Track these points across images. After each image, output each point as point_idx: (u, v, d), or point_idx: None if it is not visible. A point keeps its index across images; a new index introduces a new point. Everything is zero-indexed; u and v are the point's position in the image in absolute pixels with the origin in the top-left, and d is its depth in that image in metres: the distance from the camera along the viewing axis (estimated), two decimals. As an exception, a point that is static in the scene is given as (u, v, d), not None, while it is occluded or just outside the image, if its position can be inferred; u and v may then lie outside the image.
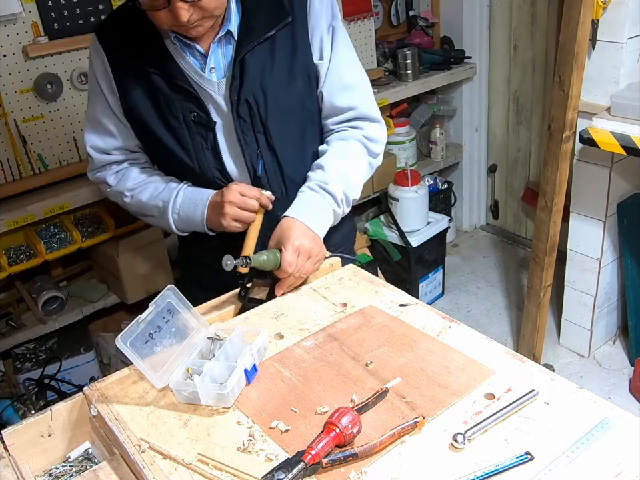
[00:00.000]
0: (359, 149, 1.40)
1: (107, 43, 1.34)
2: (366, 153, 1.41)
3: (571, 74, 2.15)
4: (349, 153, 1.38)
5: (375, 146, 1.42)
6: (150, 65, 1.31)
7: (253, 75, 1.29)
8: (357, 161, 1.40)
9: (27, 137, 2.24)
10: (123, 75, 1.34)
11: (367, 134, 1.40)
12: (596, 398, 0.91)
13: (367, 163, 1.42)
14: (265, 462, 0.86)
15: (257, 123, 1.33)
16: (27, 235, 2.36)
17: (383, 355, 1.04)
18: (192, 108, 1.32)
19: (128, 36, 1.32)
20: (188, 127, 1.33)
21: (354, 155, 1.39)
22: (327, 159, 1.37)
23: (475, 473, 0.81)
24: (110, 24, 1.39)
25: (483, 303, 3.20)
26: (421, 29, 3.36)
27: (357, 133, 1.39)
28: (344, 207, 1.37)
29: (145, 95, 1.33)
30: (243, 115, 1.32)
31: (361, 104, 1.40)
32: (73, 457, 1.03)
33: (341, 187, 1.34)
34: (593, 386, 2.55)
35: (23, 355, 2.47)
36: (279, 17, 1.29)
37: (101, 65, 1.35)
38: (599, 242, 2.49)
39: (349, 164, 1.38)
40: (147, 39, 1.31)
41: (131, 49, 1.32)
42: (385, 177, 3.13)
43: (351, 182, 1.37)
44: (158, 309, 1.01)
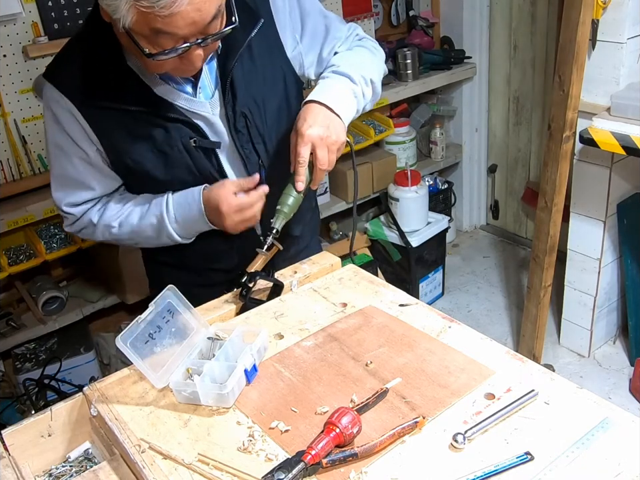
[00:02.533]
0: (356, 49, 1.39)
1: (69, 88, 1.20)
2: (364, 45, 1.40)
3: (571, 74, 2.15)
4: (345, 53, 1.37)
5: (367, 42, 1.42)
6: (130, 104, 1.20)
7: (243, 85, 1.26)
8: (361, 50, 1.39)
9: (27, 136, 2.25)
10: (100, 121, 1.21)
11: (352, 38, 1.40)
12: (596, 398, 0.91)
13: (370, 48, 1.41)
14: (264, 462, 0.86)
15: (255, 134, 1.30)
16: (27, 234, 2.36)
17: (382, 355, 1.04)
18: (190, 134, 1.25)
19: (90, 76, 1.19)
20: (191, 155, 1.26)
21: (356, 49, 1.38)
22: (333, 60, 1.34)
23: (474, 473, 0.81)
24: (62, 67, 1.23)
25: (483, 303, 3.20)
26: (421, 28, 3.36)
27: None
28: (362, 85, 1.32)
29: (133, 136, 1.23)
30: (240, 129, 1.28)
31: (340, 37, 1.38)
32: (73, 457, 1.03)
33: (354, 68, 1.31)
34: (593, 386, 2.55)
35: (23, 355, 2.47)
36: (252, 21, 1.24)
37: (67, 116, 1.22)
38: (599, 242, 2.50)
39: (355, 53, 1.37)
40: (117, 76, 1.19)
41: (100, 90, 1.19)
42: (385, 177, 3.13)
43: (364, 64, 1.34)
44: (158, 309, 1.01)
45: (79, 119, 1.21)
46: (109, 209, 1.34)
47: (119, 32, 1.07)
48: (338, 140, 1.22)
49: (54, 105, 1.22)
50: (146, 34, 1.02)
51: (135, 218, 1.32)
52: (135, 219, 1.32)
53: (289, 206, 1.22)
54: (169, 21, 0.99)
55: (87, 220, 1.35)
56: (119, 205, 1.34)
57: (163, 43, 1.03)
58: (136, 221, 1.32)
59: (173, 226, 1.30)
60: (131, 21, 0.99)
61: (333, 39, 1.36)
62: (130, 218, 1.32)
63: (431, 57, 3.25)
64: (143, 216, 1.31)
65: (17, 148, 2.23)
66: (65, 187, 1.32)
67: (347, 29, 1.39)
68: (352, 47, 1.39)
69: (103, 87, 1.19)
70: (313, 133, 1.18)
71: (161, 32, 1.01)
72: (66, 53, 1.25)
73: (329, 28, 1.35)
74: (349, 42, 1.39)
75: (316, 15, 1.34)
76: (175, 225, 1.30)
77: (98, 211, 1.34)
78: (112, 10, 1.00)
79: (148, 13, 0.97)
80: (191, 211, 1.28)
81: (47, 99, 1.23)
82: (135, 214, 1.32)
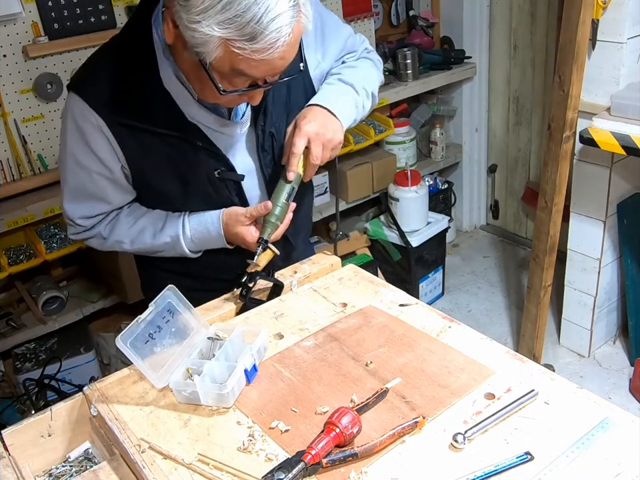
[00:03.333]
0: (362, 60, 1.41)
1: (99, 104, 1.16)
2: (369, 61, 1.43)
3: (571, 74, 2.15)
4: (353, 64, 1.39)
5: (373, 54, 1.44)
6: (160, 126, 1.17)
7: (274, 106, 1.25)
8: (367, 63, 1.41)
9: (27, 136, 2.25)
10: (128, 140, 1.19)
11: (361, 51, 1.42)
12: (596, 398, 0.91)
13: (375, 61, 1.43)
14: (264, 462, 0.86)
15: (277, 152, 1.28)
16: (27, 234, 2.36)
17: (382, 354, 1.04)
18: (216, 165, 1.24)
19: (121, 93, 1.16)
20: (213, 186, 1.26)
21: (362, 61, 1.41)
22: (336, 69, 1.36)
23: (474, 473, 0.81)
24: (91, 80, 1.18)
25: (483, 303, 3.20)
26: (421, 28, 3.36)
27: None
28: (364, 97, 1.34)
29: (158, 159, 1.21)
30: (267, 148, 1.28)
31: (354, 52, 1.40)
32: (73, 457, 1.03)
33: (358, 79, 1.33)
34: (593, 386, 2.55)
35: (23, 355, 2.47)
36: None
37: (96, 133, 1.18)
38: (599, 242, 2.49)
39: (361, 65, 1.39)
40: (148, 93, 1.16)
41: (130, 109, 1.16)
42: (385, 177, 3.13)
43: (368, 76, 1.37)
44: (158, 309, 1.01)
45: (108, 136, 1.18)
46: (120, 224, 1.32)
47: (187, 58, 1.06)
48: (334, 138, 1.23)
49: (80, 120, 1.18)
50: (224, 72, 1.02)
51: (147, 237, 1.30)
52: (148, 237, 1.30)
53: (276, 215, 1.22)
54: (255, 65, 0.99)
55: (96, 232, 1.33)
56: (130, 220, 1.32)
57: (237, 82, 1.04)
58: (149, 240, 1.31)
59: (189, 245, 1.31)
60: (214, 57, 0.98)
61: (348, 57, 1.39)
62: (143, 236, 1.31)
63: (431, 57, 3.25)
64: (157, 235, 1.30)
65: (16, 148, 2.23)
66: (80, 200, 1.29)
67: (359, 44, 1.41)
68: (359, 58, 1.42)
69: (133, 105, 1.17)
70: (310, 128, 1.20)
71: (242, 73, 1.01)
72: (96, 64, 1.21)
73: (346, 46, 1.38)
74: (357, 54, 1.42)
75: (338, 35, 1.35)
76: (191, 245, 1.31)
77: (108, 224, 1.32)
78: (198, 42, 0.97)
79: (237, 54, 0.97)
80: (210, 235, 1.29)
81: (73, 111, 1.18)
82: (148, 232, 1.30)
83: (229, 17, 0.93)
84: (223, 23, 0.94)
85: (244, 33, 0.94)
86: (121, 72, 1.17)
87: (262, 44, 0.95)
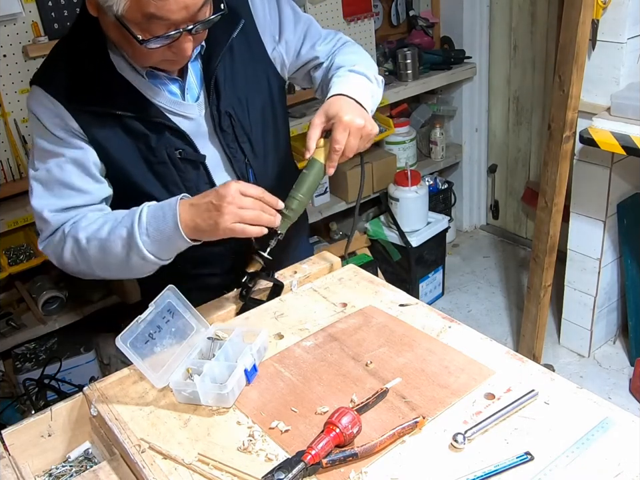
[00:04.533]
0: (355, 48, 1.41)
1: (59, 92, 1.16)
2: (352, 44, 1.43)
3: (571, 74, 2.15)
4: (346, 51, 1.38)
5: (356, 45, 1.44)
6: (119, 108, 1.18)
7: (227, 85, 1.26)
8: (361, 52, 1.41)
9: (27, 137, 2.25)
10: (90, 125, 1.18)
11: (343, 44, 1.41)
12: (596, 398, 0.91)
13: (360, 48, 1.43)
14: (265, 462, 0.86)
15: (240, 133, 1.29)
16: (27, 234, 2.36)
17: (382, 354, 1.04)
18: (176, 145, 1.23)
19: (78, 79, 1.17)
20: (176, 167, 1.24)
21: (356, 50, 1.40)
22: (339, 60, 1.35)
23: (474, 473, 0.81)
24: (50, 71, 1.20)
25: (483, 303, 3.20)
26: (421, 28, 3.36)
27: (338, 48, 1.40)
28: (375, 85, 1.33)
29: (122, 142, 1.21)
30: (225, 128, 1.27)
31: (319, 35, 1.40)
32: (73, 457, 1.03)
33: (367, 68, 1.32)
34: (593, 386, 2.55)
35: (23, 355, 2.47)
36: (233, 21, 1.24)
37: (57, 120, 1.17)
38: (599, 242, 2.49)
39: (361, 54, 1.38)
40: (105, 79, 1.17)
41: (89, 94, 1.17)
42: (385, 177, 3.13)
43: (371, 65, 1.36)
44: (158, 309, 1.01)
45: (71, 123, 1.18)
46: (81, 221, 1.19)
47: (108, 24, 1.08)
48: (373, 131, 1.20)
49: (41, 110, 1.17)
50: (138, 20, 1.03)
51: (104, 231, 1.15)
52: (105, 232, 1.15)
53: (293, 210, 1.16)
54: (162, 4, 1.00)
55: (59, 234, 1.20)
56: (93, 218, 1.19)
57: (154, 29, 1.04)
58: (105, 235, 1.14)
59: (143, 238, 1.10)
60: (124, 7, 1.01)
61: (312, 38, 1.38)
62: (100, 231, 1.15)
63: (431, 56, 3.25)
64: (114, 228, 1.14)
65: (17, 148, 2.23)
66: (49, 191, 1.20)
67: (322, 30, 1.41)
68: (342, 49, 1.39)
69: (91, 90, 1.17)
70: (332, 109, 1.17)
71: (154, 17, 1.02)
72: (53, 56, 1.22)
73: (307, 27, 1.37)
74: (329, 41, 1.40)
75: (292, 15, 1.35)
76: (144, 238, 1.11)
77: (74, 224, 1.19)
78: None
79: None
80: (164, 219, 1.10)
81: (34, 103, 1.18)
82: (106, 227, 1.15)
83: None
84: None
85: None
86: (77, 61, 1.18)
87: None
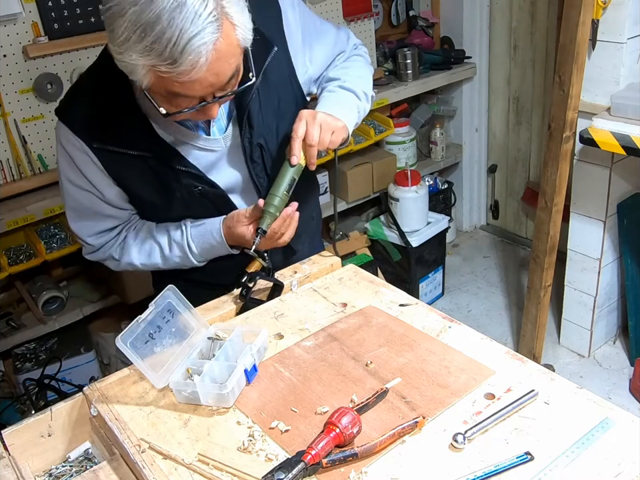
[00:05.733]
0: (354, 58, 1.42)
1: (81, 130, 1.19)
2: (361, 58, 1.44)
3: (571, 74, 2.15)
4: (347, 64, 1.40)
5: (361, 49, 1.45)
6: (139, 149, 1.20)
7: (260, 116, 1.25)
8: (360, 63, 1.42)
9: (27, 136, 2.25)
10: (111, 162, 1.22)
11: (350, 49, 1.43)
12: (596, 398, 0.91)
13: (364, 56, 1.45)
14: (265, 462, 0.86)
15: (269, 162, 1.29)
16: (26, 234, 2.36)
17: (382, 355, 1.04)
18: (195, 183, 1.25)
19: (100, 117, 1.18)
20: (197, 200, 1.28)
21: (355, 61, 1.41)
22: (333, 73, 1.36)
23: (474, 472, 0.81)
24: (73, 106, 1.22)
25: (483, 303, 3.20)
26: (421, 28, 3.36)
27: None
28: (364, 101, 1.35)
29: (143, 178, 1.24)
30: (256, 159, 1.28)
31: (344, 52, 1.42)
32: (73, 457, 1.03)
33: (357, 83, 1.33)
34: (593, 386, 2.55)
35: (23, 355, 2.47)
36: (265, 49, 1.22)
37: (83, 157, 1.21)
38: (599, 242, 2.49)
39: (356, 66, 1.39)
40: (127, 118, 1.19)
41: (111, 133, 1.19)
42: (385, 177, 3.13)
43: (363, 78, 1.38)
44: (158, 308, 1.01)
45: (94, 160, 1.21)
46: (128, 247, 1.35)
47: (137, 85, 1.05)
48: (333, 122, 1.21)
49: (67, 145, 1.22)
50: (163, 95, 1.03)
51: (158, 259, 1.35)
52: (159, 260, 1.35)
53: (274, 206, 1.20)
54: (188, 85, 0.99)
55: (107, 254, 1.37)
56: (137, 242, 1.35)
57: (180, 103, 1.04)
58: (160, 262, 1.35)
59: (199, 259, 1.34)
60: (148, 83, 1.00)
61: (338, 58, 1.39)
62: (153, 259, 1.35)
63: (430, 57, 3.25)
64: (166, 257, 1.34)
65: (17, 148, 2.23)
66: (83, 218, 1.32)
67: (345, 41, 1.41)
68: (351, 56, 1.42)
69: (112, 129, 1.19)
70: (308, 112, 1.19)
71: (179, 95, 1.01)
72: (77, 90, 1.24)
73: (335, 47, 1.38)
74: (347, 53, 1.42)
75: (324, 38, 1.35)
76: (200, 258, 1.34)
77: (118, 247, 1.36)
78: (128, 71, 0.99)
79: (166, 77, 0.97)
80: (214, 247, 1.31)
81: (60, 137, 1.23)
82: (157, 254, 1.34)
83: (147, 45, 0.93)
84: (143, 51, 0.94)
85: (164, 58, 0.94)
86: (99, 95, 1.19)
87: (184, 66, 0.95)
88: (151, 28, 0.92)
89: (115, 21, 0.94)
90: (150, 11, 0.91)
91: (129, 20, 0.93)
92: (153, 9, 0.91)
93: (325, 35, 1.36)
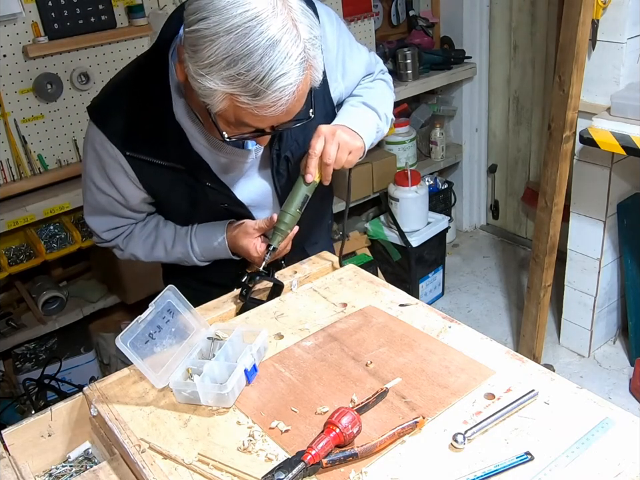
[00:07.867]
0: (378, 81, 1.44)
1: (116, 136, 1.18)
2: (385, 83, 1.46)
3: (571, 74, 2.15)
4: (371, 85, 1.41)
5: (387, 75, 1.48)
6: (171, 160, 1.20)
7: (290, 130, 1.23)
8: (380, 85, 1.44)
9: (27, 136, 2.25)
10: (143, 169, 1.21)
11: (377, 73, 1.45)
12: (596, 398, 0.91)
13: (389, 82, 1.47)
14: (265, 462, 0.86)
15: (294, 175, 1.28)
16: (26, 234, 2.36)
17: (382, 355, 1.04)
18: (222, 200, 1.28)
19: (135, 125, 1.17)
20: (221, 213, 1.31)
21: (379, 83, 1.43)
22: (357, 90, 1.37)
23: (474, 472, 0.81)
24: (109, 111, 1.21)
25: (483, 303, 3.20)
26: (421, 28, 3.36)
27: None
28: (383, 121, 1.36)
29: (171, 187, 1.25)
30: (282, 171, 1.29)
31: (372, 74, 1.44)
32: (73, 457, 1.03)
33: (379, 103, 1.34)
34: (593, 386, 2.55)
35: (23, 355, 2.47)
36: None
37: (110, 160, 1.21)
38: (599, 242, 2.49)
39: (380, 87, 1.41)
40: (161, 128, 1.17)
41: (144, 141, 1.18)
42: (385, 177, 3.13)
43: (386, 101, 1.39)
44: (158, 308, 1.01)
45: (126, 168, 1.21)
46: (134, 238, 1.38)
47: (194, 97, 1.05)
48: (351, 141, 1.21)
49: (99, 148, 1.21)
50: (230, 121, 1.03)
51: (160, 253, 1.37)
52: (161, 253, 1.37)
53: (286, 224, 1.21)
54: (260, 118, 1.00)
55: (114, 243, 1.40)
56: (142, 235, 1.37)
57: (242, 130, 1.05)
58: (162, 255, 1.38)
59: (200, 259, 1.37)
60: (221, 109, 1.00)
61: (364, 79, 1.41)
62: (155, 252, 1.38)
63: (430, 57, 3.25)
64: (168, 252, 1.37)
65: (16, 148, 2.23)
66: (99, 215, 1.34)
67: (375, 65, 1.43)
68: (376, 79, 1.44)
69: (145, 138, 1.18)
70: (326, 128, 1.19)
71: (246, 124, 1.02)
72: (114, 91, 1.23)
73: (367, 67, 1.39)
74: (374, 75, 1.44)
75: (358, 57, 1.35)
76: (201, 258, 1.37)
77: (125, 238, 1.38)
78: (203, 94, 0.99)
79: (241, 107, 0.98)
80: (216, 251, 1.33)
81: (93, 140, 1.21)
82: (160, 249, 1.37)
83: (232, 74, 0.94)
84: (226, 79, 0.94)
85: (247, 90, 0.95)
86: (137, 104, 1.18)
87: (265, 101, 0.96)
88: (242, 60, 0.92)
89: (204, 44, 0.94)
90: (244, 44, 0.92)
91: (219, 47, 0.92)
92: (248, 43, 0.91)
93: (359, 53, 1.36)
